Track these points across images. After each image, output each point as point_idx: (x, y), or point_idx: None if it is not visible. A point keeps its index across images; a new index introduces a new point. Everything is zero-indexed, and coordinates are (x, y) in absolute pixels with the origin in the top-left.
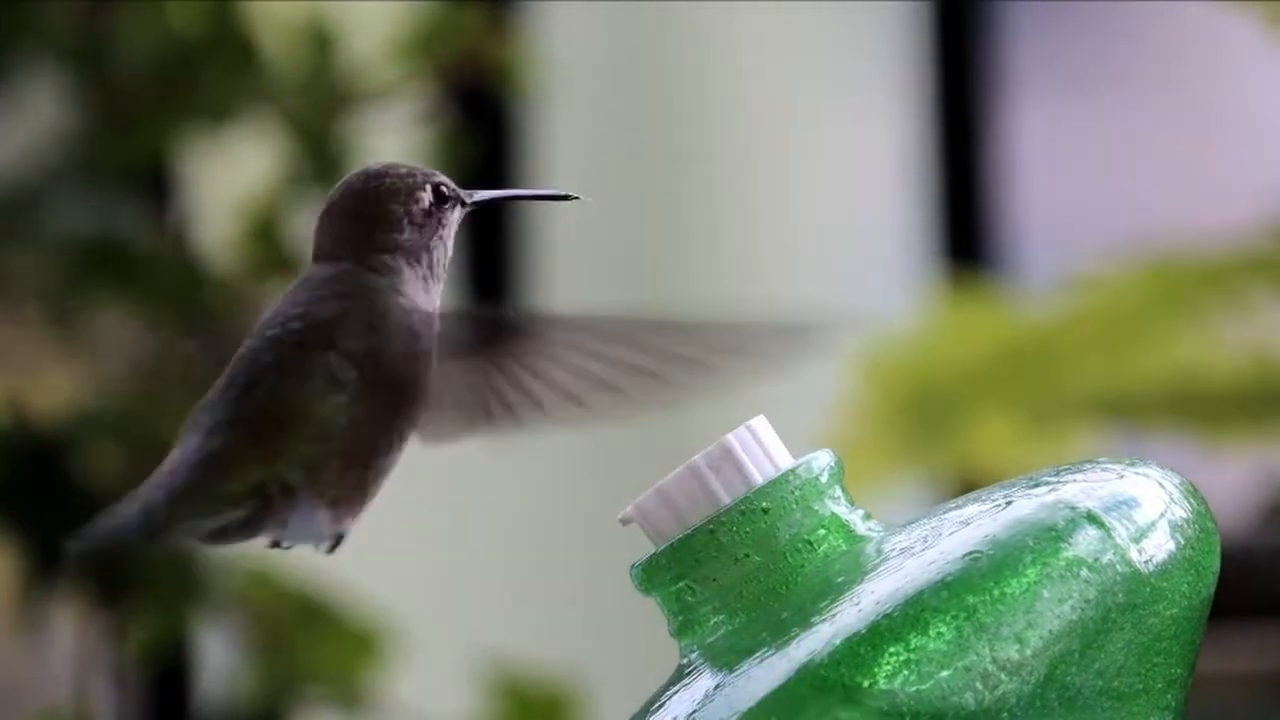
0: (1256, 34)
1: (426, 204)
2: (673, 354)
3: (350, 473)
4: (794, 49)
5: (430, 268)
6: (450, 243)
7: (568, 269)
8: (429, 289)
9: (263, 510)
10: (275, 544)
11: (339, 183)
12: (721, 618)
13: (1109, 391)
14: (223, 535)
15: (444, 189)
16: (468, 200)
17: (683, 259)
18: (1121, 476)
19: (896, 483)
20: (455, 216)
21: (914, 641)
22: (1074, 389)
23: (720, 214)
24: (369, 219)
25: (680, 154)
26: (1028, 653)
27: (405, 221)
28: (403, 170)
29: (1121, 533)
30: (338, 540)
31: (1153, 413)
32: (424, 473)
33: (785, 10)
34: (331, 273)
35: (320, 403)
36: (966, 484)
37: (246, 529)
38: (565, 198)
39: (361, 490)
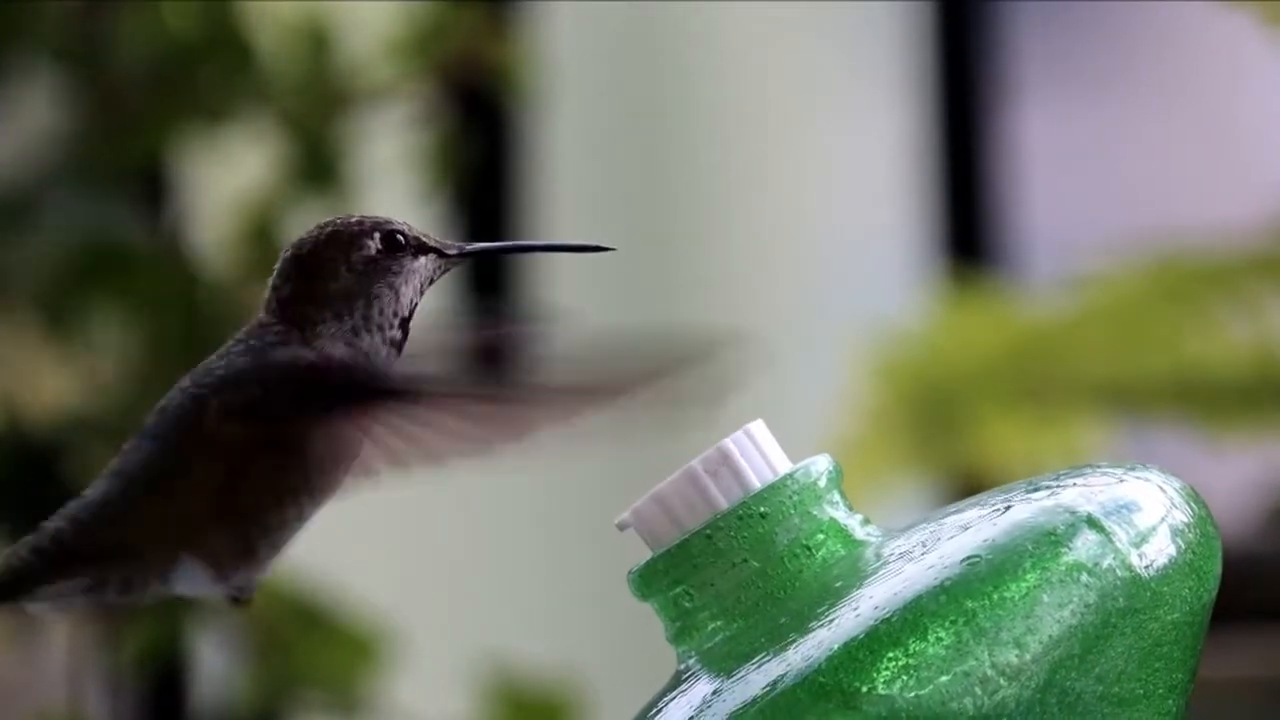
0: (1259, 33)
1: (372, 251)
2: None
3: (229, 532)
4: (795, 49)
5: (366, 318)
6: (408, 291)
7: (568, 269)
8: (360, 339)
9: (141, 571)
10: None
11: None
12: (719, 623)
13: (1114, 389)
14: (101, 594)
15: (399, 236)
16: (450, 250)
17: (684, 260)
18: (1122, 480)
19: (903, 482)
20: (418, 264)
21: (913, 646)
22: (1080, 388)
23: (722, 214)
24: (307, 269)
25: (680, 154)
26: (1027, 658)
27: (342, 269)
28: (352, 219)
29: (1122, 537)
30: (238, 596)
31: (1158, 409)
32: (421, 476)
33: (787, 10)
34: (245, 333)
35: (198, 465)
36: (972, 482)
37: (125, 588)
38: (573, 248)
39: (247, 549)
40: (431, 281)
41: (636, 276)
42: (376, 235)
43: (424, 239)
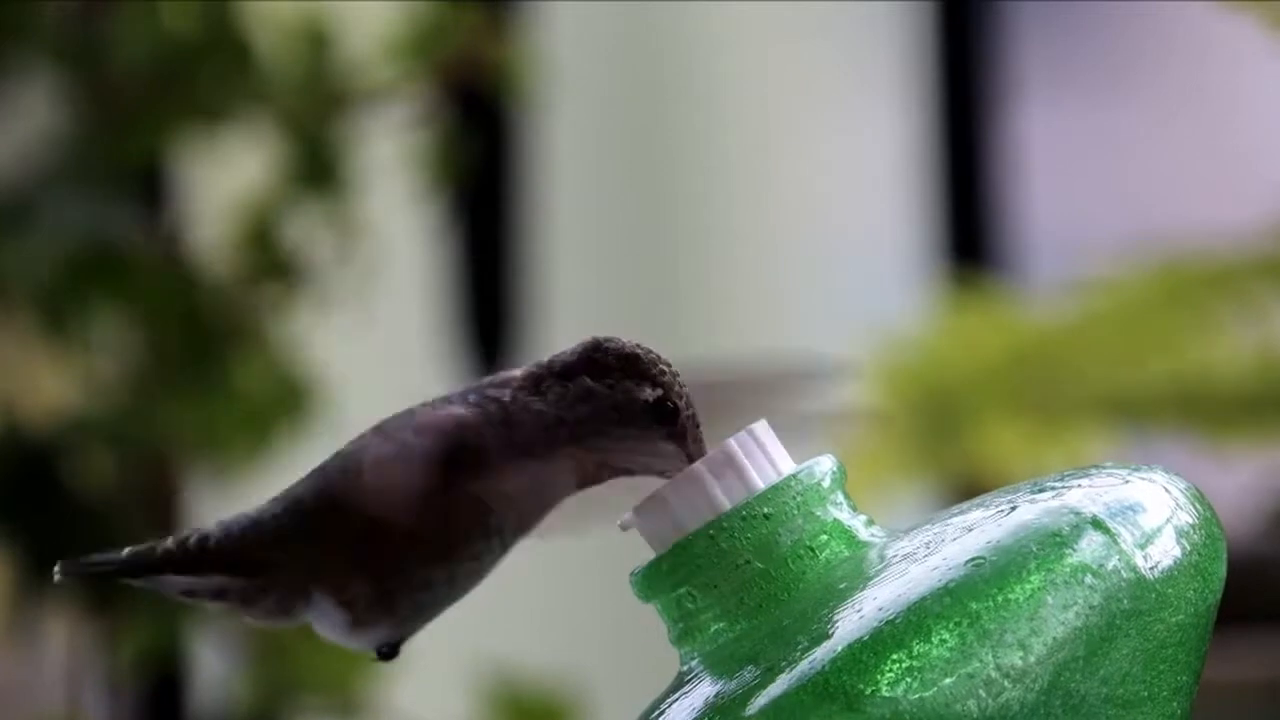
0: (1262, 36)
1: (640, 400)
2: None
3: (374, 589)
4: (796, 51)
5: (573, 436)
6: (621, 452)
7: (567, 270)
8: (530, 453)
9: (274, 596)
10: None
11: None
12: (722, 625)
13: (1117, 394)
14: (203, 598)
15: (669, 406)
16: (690, 450)
17: (684, 262)
18: (1127, 481)
19: (905, 488)
20: (658, 445)
21: (917, 648)
22: (1082, 392)
23: (722, 217)
24: (577, 366)
25: (680, 156)
26: (1031, 659)
27: (599, 388)
28: (659, 365)
29: (1127, 538)
30: (382, 652)
31: (1161, 414)
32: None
33: (787, 11)
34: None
35: (355, 506)
36: (975, 488)
37: (240, 603)
38: None
39: (385, 603)
40: (642, 470)
41: (636, 279)
42: (654, 393)
43: (688, 432)
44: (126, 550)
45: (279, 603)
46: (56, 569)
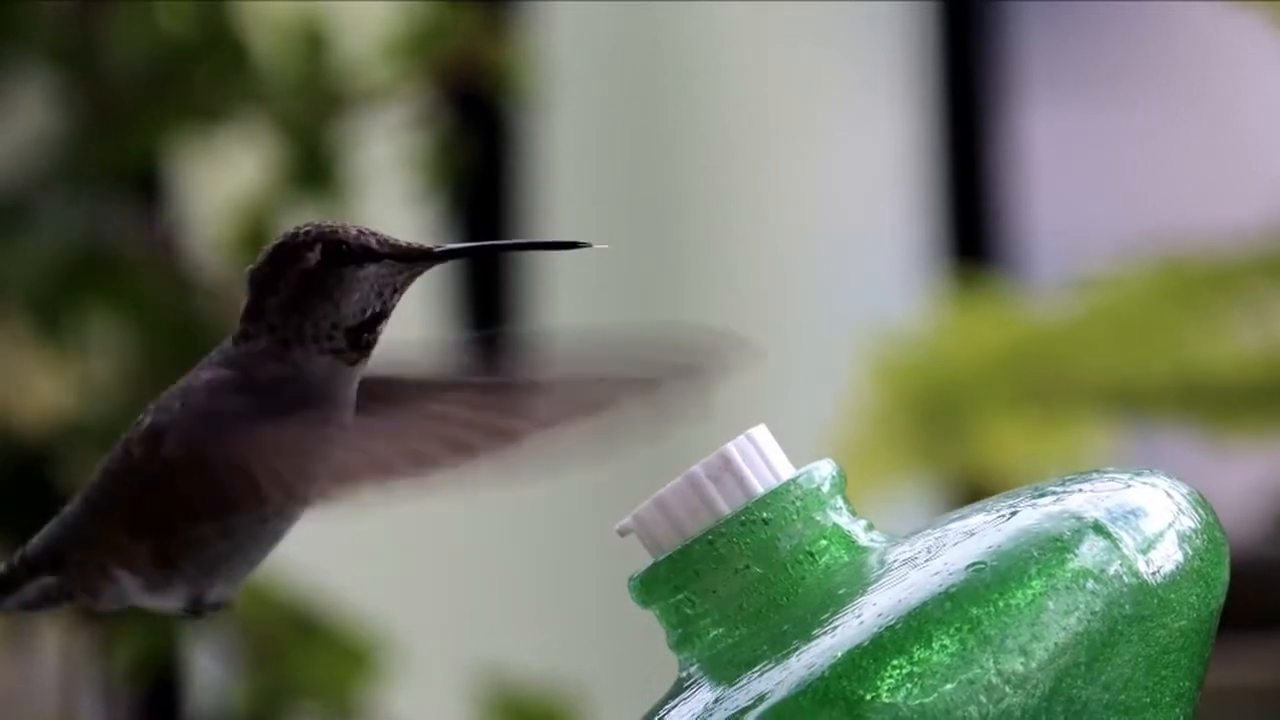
0: (1265, 34)
1: (310, 264)
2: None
3: (152, 551)
4: (798, 51)
5: (299, 331)
6: (352, 301)
7: (568, 273)
8: (291, 352)
9: (86, 580)
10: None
11: None
12: (721, 630)
13: (1119, 392)
14: (33, 605)
15: (343, 246)
16: (413, 254)
17: (686, 263)
18: (1129, 486)
19: (905, 484)
20: (364, 274)
21: (917, 654)
22: (1083, 390)
23: (724, 216)
24: (255, 283)
25: (681, 156)
26: (1033, 665)
27: (280, 283)
28: (300, 230)
29: (1129, 543)
30: (193, 609)
31: (1163, 412)
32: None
33: (789, 11)
34: (218, 351)
35: (128, 485)
36: (975, 485)
37: (65, 598)
38: (550, 245)
39: (168, 563)
40: (396, 289)
41: (637, 280)
42: (317, 247)
43: (373, 247)
44: None
45: (89, 588)
46: None
